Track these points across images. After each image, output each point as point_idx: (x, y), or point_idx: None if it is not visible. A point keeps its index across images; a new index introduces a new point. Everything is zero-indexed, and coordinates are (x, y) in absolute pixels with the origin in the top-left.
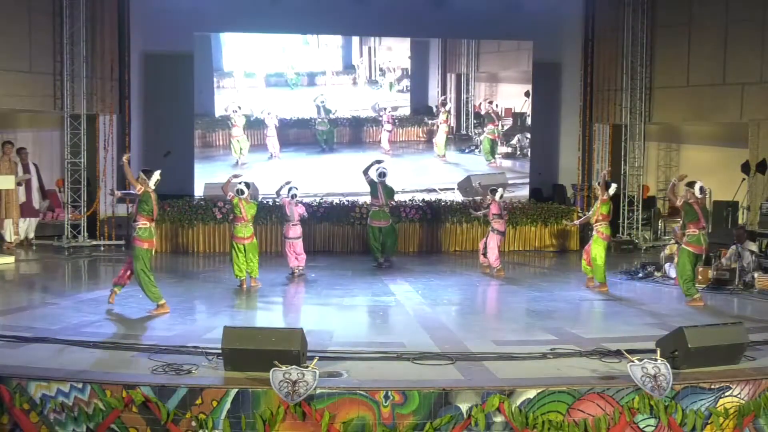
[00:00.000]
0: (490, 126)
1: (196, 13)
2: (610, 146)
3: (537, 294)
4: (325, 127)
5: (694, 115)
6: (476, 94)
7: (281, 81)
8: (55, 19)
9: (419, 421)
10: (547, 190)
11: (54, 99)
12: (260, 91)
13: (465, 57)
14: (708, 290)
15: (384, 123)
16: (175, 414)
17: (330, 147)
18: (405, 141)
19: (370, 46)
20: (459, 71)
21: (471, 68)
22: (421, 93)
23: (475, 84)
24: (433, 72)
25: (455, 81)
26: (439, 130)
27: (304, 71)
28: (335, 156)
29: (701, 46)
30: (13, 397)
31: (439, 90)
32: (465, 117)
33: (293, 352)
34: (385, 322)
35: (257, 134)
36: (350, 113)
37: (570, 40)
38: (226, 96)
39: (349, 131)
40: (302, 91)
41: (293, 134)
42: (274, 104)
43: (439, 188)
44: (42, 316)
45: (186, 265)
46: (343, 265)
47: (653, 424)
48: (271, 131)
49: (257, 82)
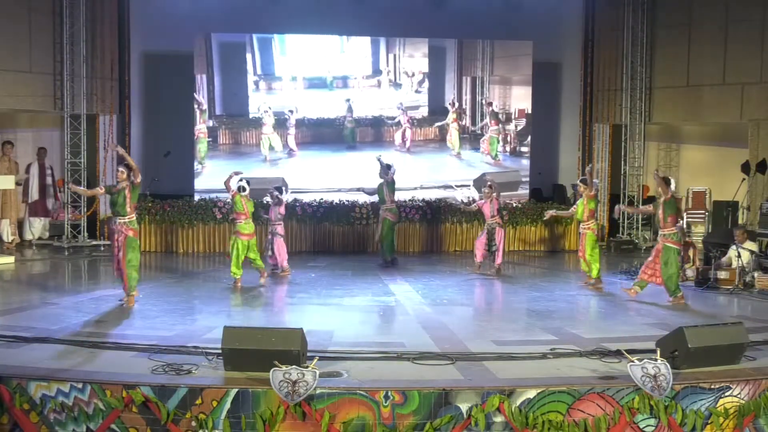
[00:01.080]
0: (494, 126)
1: (196, 13)
2: (610, 146)
3: (537, 294)
4: (353, 125)
5: (694, 115)
6: (491, 96)
7: (320, 83)
8: (55, 19)
9: (419, 421)
10: (547, 190)
11: (54, 99)
12: (300, 93)
13: (480, 60)
14: (708, 290)
15: (402, 122)
16: (175, 414)
17: (352, 145)
18: (422, 140)
19: (395, 53)
20: (474, 74)
21: (486, 71)
22: (438, 95)
23: (489, 86)
24: (450, 75)
25: (470, 83)
26: (451, 129)
27: (339, 75)
28: (357, 153)
29: (701, 46)
30: (13, 397)
31: (455, 92)
32: (480, 118)
33: (293, 352)
34: (385, 322)
35: (281, 133)
36: (375, 113)
37: (570, 40)
38: (261, 97)
39: (372, 130)
40: (336, 92)
41: (320, 133)
42: (312, 105)
43: (456, 185)
44: (42, 316)
45: (186, 265)
46: (343, 265)
47: (653, 424)
48: (292, 129)
49: (298, 84)
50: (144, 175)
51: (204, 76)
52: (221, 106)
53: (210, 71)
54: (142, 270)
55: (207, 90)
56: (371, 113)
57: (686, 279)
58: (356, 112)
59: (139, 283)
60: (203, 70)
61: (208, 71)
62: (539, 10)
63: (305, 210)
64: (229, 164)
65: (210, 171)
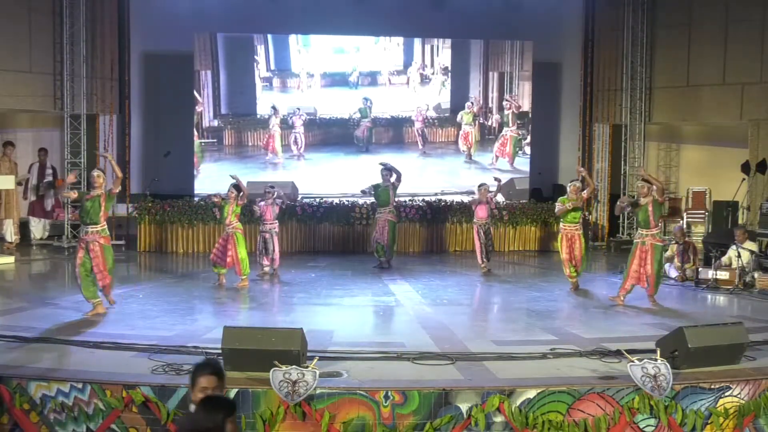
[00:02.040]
0: (513, 126)
1: (196, 13)
2: (610, 146)
3: (537, 294)
4: (369, 124)
5: (694, 115)
6: (520, 94)
7: (342, 80)
8: (55, 19)
9: (419, 421)
10: (547, 190)
11: (54, 99)
12: (317, 91)
13: (509, 55)
14: (708, 290)
15: (416, 122)
16: (175, 414)
17: (365, 147)
18: (443, 142)
19: (431, 45)
20: (502, 69)
21: (515, 67)
22: (462, 93)
23: (519, 83)
24: (474, 72)
25: (498, 79)
26: (467, 130)
27: (366, 70)
28: (370, 156)
29: (701, 46)
30: (13, 397)
31: (480, 89)
32: (494, 117)
33: (293, 352)
34: (385, 322)
35: (289, 134)
36: (395, 113)
37: (570, 40)
38: (270, 97)
39: (389, 132)
40: (356, 91)
41: (332, 133)
42: (329, 103)
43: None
44: (42, 316)
45: (186, 265)
46: (343, 265)
47: (653, 424)
48: (298, 129)
49: (315, 81)
50: (144, 175)
51: (209, 72)
52: (227, 105)
53: (215, 68)
54: (142, 270)
55: (212, 88)
56: (391, 113)
57: (686, 279)
58: (375, 111)
59: (140, 283)
60: (208, 66)
61: (213, 68)
62: (539, 10)
63: (305, 210)
64: (233, 167)
65: (209, 173)
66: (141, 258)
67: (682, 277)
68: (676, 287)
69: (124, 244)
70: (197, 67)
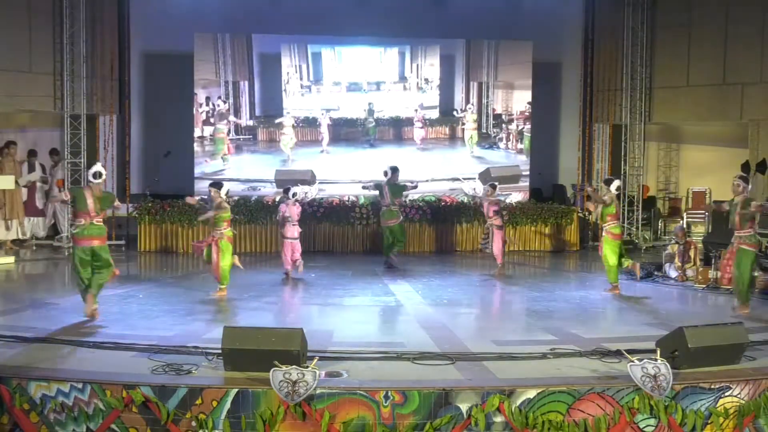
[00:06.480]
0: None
1: (196, 13)
2: (610, 146)
3: (537, 294)
4: (372, 124)
5: (694, 115)
6: (495, 99)
7: (357, 88)
8: (55, 19)
9: (419, 421)
10: (547, 190)
11: (54, 99)
12: (342, 95)
13: (485, 68)
14: (708, 290)
15: (415, 121)
16: (175, 414)
17: (371, 141)
18: (435, 138)
19: (418, 63)
20: (481, 80)
21: (491, 77)
22: (448, 98)
23: (493, 90)
24: (459, 80)
25: (477, 88)
26: (468, 129)
27: (374, 80)
28: (376, 150)
29: (701, 46)
30: (13, 397)
31: (463, 95)
32: (485, 118)
33: (293, 352)
34: (385, 322)
35: (312, 131)
36: (395, 114)
37: (570, 40)
38: (313, 99)
39: (391, 130)
40: (366, 95)
41: (346, 131)
42: (347, 106)
43: (463, 177)
44: (42, 316)
45: (186, 266)
46: (343, 265)
47: (653, 424)
48: (324, 128)
49: (342, 88)
50: (144, 175)
51: (246, 83)
52: (260, 108)
53: (251, 79)
54: (141, 269)
55: (248, 95)
56: (392, 114)
57: (686, 279)
58: (379, 113)
59: (140, 282)
60: (245, 77)
61: (249, 79)
62: (539, 10)
63: (305, 210)
64: (265, 158)
65: (242, 164)
66: (141, 258)
67: (683, 276)
68: (676, 287)
69: (124, 244)
70: (237, 77)
